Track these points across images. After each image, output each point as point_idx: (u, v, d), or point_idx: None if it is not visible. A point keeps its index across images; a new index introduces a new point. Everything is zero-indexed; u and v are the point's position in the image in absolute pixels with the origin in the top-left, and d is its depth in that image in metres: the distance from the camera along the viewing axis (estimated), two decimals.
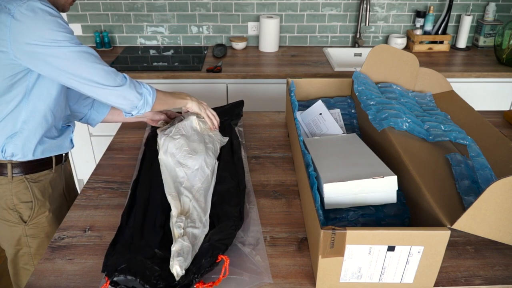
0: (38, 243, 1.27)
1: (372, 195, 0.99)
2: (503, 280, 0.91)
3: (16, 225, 1.24)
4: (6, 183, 1.18)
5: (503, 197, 0.79)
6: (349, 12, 2.58)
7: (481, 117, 1.26)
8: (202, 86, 2.20)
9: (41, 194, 1.24)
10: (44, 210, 1.25)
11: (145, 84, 1.18)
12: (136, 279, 0.83)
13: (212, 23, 2.58)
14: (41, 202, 1.24)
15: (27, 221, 1.24)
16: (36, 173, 1.22)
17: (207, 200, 1.09)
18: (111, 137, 1.51)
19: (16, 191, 1.20)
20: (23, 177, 1.19)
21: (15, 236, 1.26)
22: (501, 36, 2.33)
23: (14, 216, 1.22)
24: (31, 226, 1.25)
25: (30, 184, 1.21)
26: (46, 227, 1.27)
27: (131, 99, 1.13)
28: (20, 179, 1.19)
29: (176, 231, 0.96)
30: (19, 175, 1.19)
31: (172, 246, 0.91)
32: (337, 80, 1.54)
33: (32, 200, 1.22)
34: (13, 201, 1.20)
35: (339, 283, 0.87)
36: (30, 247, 1.27)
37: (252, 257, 0.94)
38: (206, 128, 1.36)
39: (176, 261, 0.87)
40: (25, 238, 1.26)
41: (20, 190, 1.20)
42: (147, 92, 1.17)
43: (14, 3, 0.98)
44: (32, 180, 1.21)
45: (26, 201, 1.22)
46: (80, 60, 1.03)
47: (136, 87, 1.14)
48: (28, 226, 1.25)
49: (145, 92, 1.16)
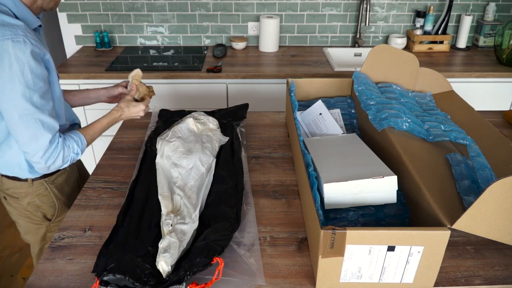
0: None
1: (372, 195, 0.99)
2: (503, 280, 0.91)
3: (41, 223, 1.33)
4: (27, 187, 1.26)
5: (503, 197, 0.79)
6: (349, 12, 2.58)
7: (481, 117, 1.26)
8: (202, 86, 2.21)
9: (61, 194, 1.33)
10: (66, 208, 1.34)
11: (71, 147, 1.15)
12: (126, 277, 0.84)
13: (212, 23, 2.58)
14: (62, 201, 1.34)
15: (52, 219, 1.34)
16: (53, 175, 1.30)
17: (199, 196, 1.10)
18: (111, 137, 1.51)
19: (37, 194, 1.28)
20: (42, 181, 1.27)
21: (41, 233, 1.35)
22: (501, 36, 2.33)
23: (38, 216, 1.31)
24: (55, 223, 1.35)
25: (49, 186, 1.29)
26: None
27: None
28: (40, 182, 1.27)
29: (165, 228, 0.97)
30: (38, 179, 1.26)
31: (159, 243, 0.93)
32: (337, 80, 1.54)
33: (54, 201, 1.32)
34: (35, 203, 1.29)
35: (339, 283, 0.87)
36: None
37: (247, 259, 0.94)
38: (205, 129, 1.37)
39: (161, 257, 0.88)
40: (50, 234, 1.36)
41: (41, 192, 1.28)
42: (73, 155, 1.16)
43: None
44: (50, 182, 1.29)
45: (48, 202, 1.30)
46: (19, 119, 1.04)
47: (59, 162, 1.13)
48: (53, 223, 1.35)
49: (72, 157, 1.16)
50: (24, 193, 1.26)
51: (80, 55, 2.46)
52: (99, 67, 2.23)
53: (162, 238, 0.95)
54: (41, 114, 1.06)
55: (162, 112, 1.57)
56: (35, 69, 1.03)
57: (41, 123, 1.06)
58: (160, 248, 0.91)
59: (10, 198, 1.29)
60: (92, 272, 0.87)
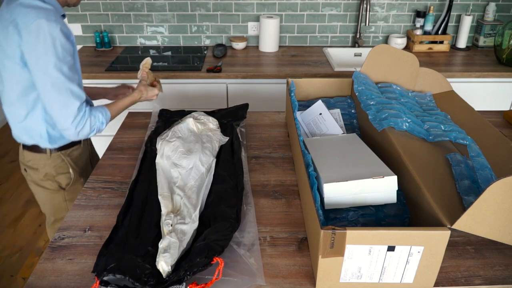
0: None
1: (372, 195, 0.99)
2: (503, 280, 0.91)
3: (56, 192, 1.47)
4: (45, 159, 1.40)
5: (503, 197, 0.79)
6: (349, 12, 2.58)
7: (481, 117, 1.26)
8: (202, 86, 2.21)
9: (76, 164, 1.48)
10: (80, 178, 1.50)
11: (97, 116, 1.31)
12: (126, 277, 0.84)
13: (212, 23, 2.58)
14: (76, 172, 1.48)
15: (66, 188, 1.47)
16: (69, 149, 1.44)
17: (199, 196, 1.10)
18: (111, 137, 1.51)
19: (54, 165, 1.42)
20: (59, 153, 1.42)
21: (56, 201, 1.49)
22: (501, 36, 2.33)
23: (54, 185, 1.45)
24: (69, 192, 1.48)
25: (66, 158, 1.44)
26: None
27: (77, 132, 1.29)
28: (57, 154, 1.42)
29: (165, 228, 0.97)
30: (56, 152, 1.41)
31: (159, 243, 0.93)
32: (337, 80, 1.54)
33: (69, 171, 1.46)
34: (52, 173, 1.43)
35: (339, 283, 0.87)
36: (68, 210, 1.47)
37: (247, 259, 0.94)
38: (205, 129, 1.37)
39: (161, 257, 0.89)
40: (65, 203, 1.49)
41: (57, 164, 1.43)
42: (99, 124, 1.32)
43: (23, 18, 1.15)
44: (66, 155, 1.44)
45: (63, 172, 1.45)
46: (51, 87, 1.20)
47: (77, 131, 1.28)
48: (67, 192, 1.48)
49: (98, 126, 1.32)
50: (42, 164, 1.41)
51: (80, 55, 2.45)
52: (99, 67, 2.23)
53: (162, 238, 0.95)
54: (70, 84, 1.22)
55: (162, 112, 1.57)
56: (64, 44, 1.19)
57: (70, 92, 1.22)
58: (160, 248, 0.91)
59: (29, 169, 1.44)
60: (92, 272, 0.87)
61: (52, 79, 1.19)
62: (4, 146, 3.30)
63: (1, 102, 1.33)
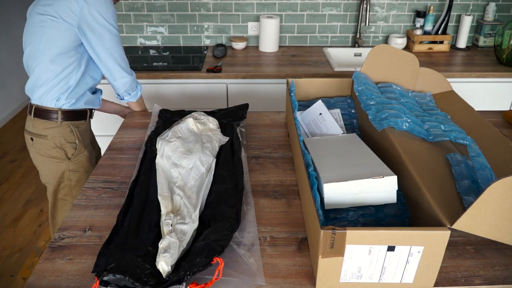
0: (78, 177, 1.57)
1: (372, 195, 0.99)
2: (503, 280, 0.91)
3: (61, 161, 1.53)
4: (56, 127, 1.49)
5: (503, 197, 0.79)
6: (349, 12, 2.58)
7: (481, 117, 1.26)
8: (202, 86, 2.21)
9: (82, 137, 1.56)
10: (84, 150, 1.56)
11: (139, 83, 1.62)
12: (126, 277, 0.84)
13: (212, 23, 2.58)
14: (82, 143, 1.55)
15: (71, 158, 1.54)
16: (77, 121, 1.54)
17: (199, 196, 1.10)
18: (111, 137, 1.51)
19: (63, 133, 1.50)
20: (69, 123, 1.51)
21: (60, 170, 1.54)
22: (501, 36, 2.33)
23: (61, 153, 1.52)
24: (73, 162, 1.55)
25: (74, 128, 1.52)
26: (85, 164, 1.58)
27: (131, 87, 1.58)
28: (66, 124, 1.50)
29: (165, 228, 0.97)
30: (65, 121, 1.49)
31: (159, 243, 0.93)
32: (337, 80, 1.54)
33: (76, 141, 1.54)
34: (61, 141, 1.50)
35: (339, 283, 0.87)
36: (71, 180, 1.57)
37: (247, 259, 0.94)
38: (205, 129, 1.37)
39: (161, 257, 0.88)
40: (68, 173, 1.55)
41: (66, 132, 1.51)
42: (139, 88, 1.64)
43: None
44: (75, 125, 1.53)
45: (70, 142, 1.52)
46: (117, 45, 1.47)
47: (136, 82, 1.60)
48: (71, 162, 1.54)
49: (139, 88, 1.63)
50: (52, 132, 1.49)
51: None
52: None
53: (162, 238, 0.95)
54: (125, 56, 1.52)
55: (162, 112, 1.57)
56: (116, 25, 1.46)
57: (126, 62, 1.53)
58: (160, 248, 0.91)
59: (37, 138, 1.51)
60: (92, 272, 0.87)
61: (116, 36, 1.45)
62: (4, 146, 3.30)
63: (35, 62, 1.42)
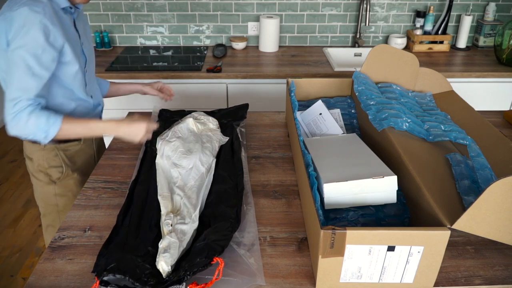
0: (65, 202, 1.46)
1: (372, 195, 0.99)
2: (503, 280, 0.91)
3: (47, 185, 1.43)
4: (39, 150, 1.37)
5: (503, 197, 0.79)
6: (349, 12, 2.58)
7: (481, 117, 1.26)
8: (202, 86, 2.20)
9: (69, 160, 1.42)
10: (73, 173, 1.44)
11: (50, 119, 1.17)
12: (126, 277, 0.84)
13: (212, 23, 2.58)
14: (69, 167, 1.42)
15: (56, 182, 1.42)
16: (65, 143, 1.39)
17: (199, 196, 1.10)
18: (111, 137, 1.51)
19: (47, 157, 1.38)
20: (54, 146, 1.37)
21: (46, 193, 1.45)
22: (501, 36, 2.33)
23: (45, 177, 1.41)
24: (59, 186, 1.44)
25: (59, 152, 1.39)
26: (73, 188, 1.45)
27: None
28: (51, 147, 1.37)
29: (165, 228, 0.97)
30: (50, 144, 1.34)
31: (159, 243, 0.93)
32: (337, 80, 1.54)
33: (62, 165, 1.41)
34: (44, 165, 1.39)
35: (339, 283, 0.87)
36: (57, 205, 1.46)
37: (247, 259, 0.94)
38: (205, 129, 1.37)
39: (161, 257, 0.89)
40: (54, 197, 1.45)
41: (50, 157, 1.38)
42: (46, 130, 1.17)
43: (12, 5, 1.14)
44: (61, 149, 1.39)
45: (55, 166, 1.40)
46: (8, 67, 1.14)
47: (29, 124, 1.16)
48: (57, 186, 1.43)
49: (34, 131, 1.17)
50: (36, 155, 1.38)
51: None
52: (99, 67, 2.23)
53: (162, 238, 0.95)
54: (24, 73, 1.14)
55: (162, 112, 1.57)
56: (38, 36, 1.13)
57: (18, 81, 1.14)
58: (160, 248, 0.91)
59: (27, 159, 1.43)
60: (92, 272, 0.87)
61: (12, 58, 1.12)
62: (4, 146, 3.30)
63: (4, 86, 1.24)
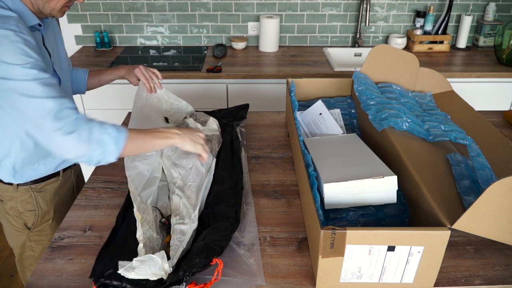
0: (41, 249, 1.32)
1: (372, 195, 0.99)
2: (503, 280, 0.91)
3: (21, 230, 1.28)
4: (12, 192, 1.21)
5: (503, 197, 0.79)
6: (349, 12, 2.58)
7: (481, 117, 1.26)
8: (202, 86, 2.20)
9: (45, 204, 1.27)
10: (48, 219, 1.29)
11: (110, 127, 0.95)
12: (123, 284, 0.83)
13: (212, 23, 2.58)
14: (44, 211, 1.28)
15: (31, 228, 1.28)
16: (42, 183, 1.25)
17: (199, 196, 1.09)
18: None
19: (21, 200, 1.23)
20: (28, 187, 1.22)
21: (20, 240, 1.30)
22: (501, 36, 2.33)
23: (19, 222, 1.26)
24: (35, 233, 1.29)
25: (34, 193, 1.24)
26: (49, 234, 1.31)
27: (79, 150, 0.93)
28: (25, 188, 1.22)
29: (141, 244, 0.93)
30: (24, 185, 1.21)
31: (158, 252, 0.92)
32: (337, 80, 1.54)
33: (36, 209, 1.26)
34: (18, 209, 1.24)
35: (339, 283, 0.87)
36: (34, 251, 1.32)
37: (247, 259, 0.94)
38: (205, 129, 1.37)
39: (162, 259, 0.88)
40: (29, 243, 1.31)
41: (24, 199, 1.23)
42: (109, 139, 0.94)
43: None
44: (37, 190, 1.24)
45: (30, 210, 1.25)
46: None
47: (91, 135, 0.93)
48: (32, 233, 1.29)
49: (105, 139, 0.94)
50: (8, 197, 1.22)
51: (80, 55, 2.46)
52: (99, 67, 2.23)
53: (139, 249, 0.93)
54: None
55: None
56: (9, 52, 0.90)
57: None
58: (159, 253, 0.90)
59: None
60: (90, 277, 0.86)
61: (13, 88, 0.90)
62: None
63: None
